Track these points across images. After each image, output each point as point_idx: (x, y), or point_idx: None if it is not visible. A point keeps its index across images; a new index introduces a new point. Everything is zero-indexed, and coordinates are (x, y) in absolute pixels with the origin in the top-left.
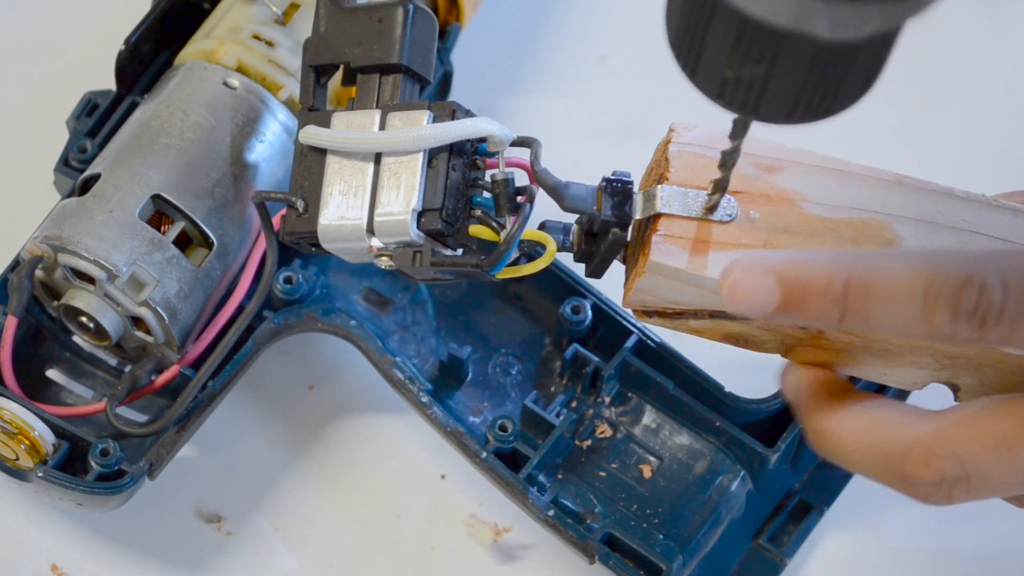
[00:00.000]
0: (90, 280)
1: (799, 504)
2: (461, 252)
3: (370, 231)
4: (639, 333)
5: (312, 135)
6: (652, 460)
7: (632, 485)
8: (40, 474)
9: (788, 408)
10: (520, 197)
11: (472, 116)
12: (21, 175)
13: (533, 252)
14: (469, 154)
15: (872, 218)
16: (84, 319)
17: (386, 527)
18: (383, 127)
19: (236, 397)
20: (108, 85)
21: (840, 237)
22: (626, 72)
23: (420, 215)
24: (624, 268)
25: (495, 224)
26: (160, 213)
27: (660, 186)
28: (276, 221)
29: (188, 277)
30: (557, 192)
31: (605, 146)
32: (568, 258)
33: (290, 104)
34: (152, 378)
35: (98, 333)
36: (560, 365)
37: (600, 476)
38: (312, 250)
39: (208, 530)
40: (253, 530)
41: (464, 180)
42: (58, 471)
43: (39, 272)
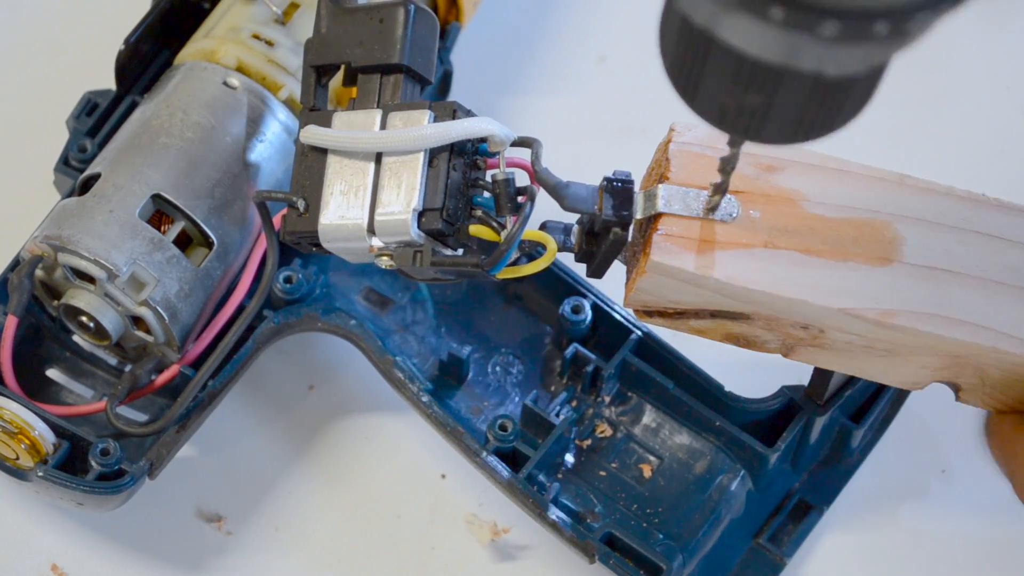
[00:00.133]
0: (90, 280)
1: (799, 504)
2: (461, 252)
3: (371, 231)
4: (639, 333)
5: (313, 135)
6: (652, 460)
7: (632, 485)
8: (40, 474)
9: (788, 408)
10: (521, 197)
11: (473, 116)
12: (21, 175)
13: (534, 252)
14: (470, 154)
15: (873, 217)
16: (84, 319)
17: (386, 527)
18: (384, 127)
19: (236, 397)
20: (108, 85)
21: (841, 237)
22: (626, 72)
23: (421, 215)
24: (625, 268)
25: (496, 224)
26: (160, 213)
27: (661, 185)
28: (277, 221)
29: (188, 277)
30: (558, 192)
31: (605, 146)
32: (568, 258)
33: (290, 104)
34: (152, 378)
35: (98, 333)
36: (560, 365)
37: (600, 476)
38: (313, 250)
39: (208, 530)
40: (253, 530)
41: (465, 180)
42: (58, 471)
43: (39, 272)
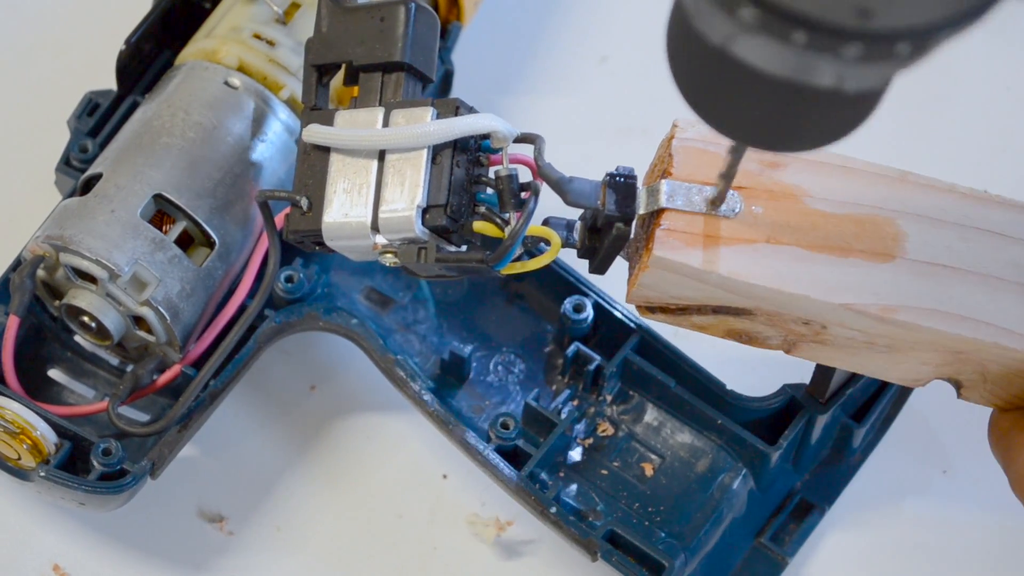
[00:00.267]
0: (92, 280)
1: (801, 503)
2: (465, 249)
3: (375, 228)
4: (641, 331)
5: (315, 133)
6: (654, 458)
7: (634, 483)
8: (42, 474)
9: (790, 406)
10: (524, 193)
11: (476, 113)
12: (22, 175)
13: (535, 249)
14: (473, 151)
15: (875, 214)
16: (86, 319)
17: (388, 526)
18: (387, 124)
19: (238, 397)
20: (109, 85)
21: (843, 233)
22: (627, 72)
23: (425, 211)
24: (627, 265)
25: (499, 220)
26: (162, 213)
27: (664, 181)
28: (279, 220)
29: (190, 276)
30: (561, 187)
31: (606, 146)
32: (570, 256)
33: (291, 103)
34: (154, 377)
35: (100, 333)
36: (562, 363)
37: (602, 474)
38: (316, 249)
39: (210, 530)
40: (255, 530)
41: (468, 176)
42: (60, 471)
43: (41, 272)
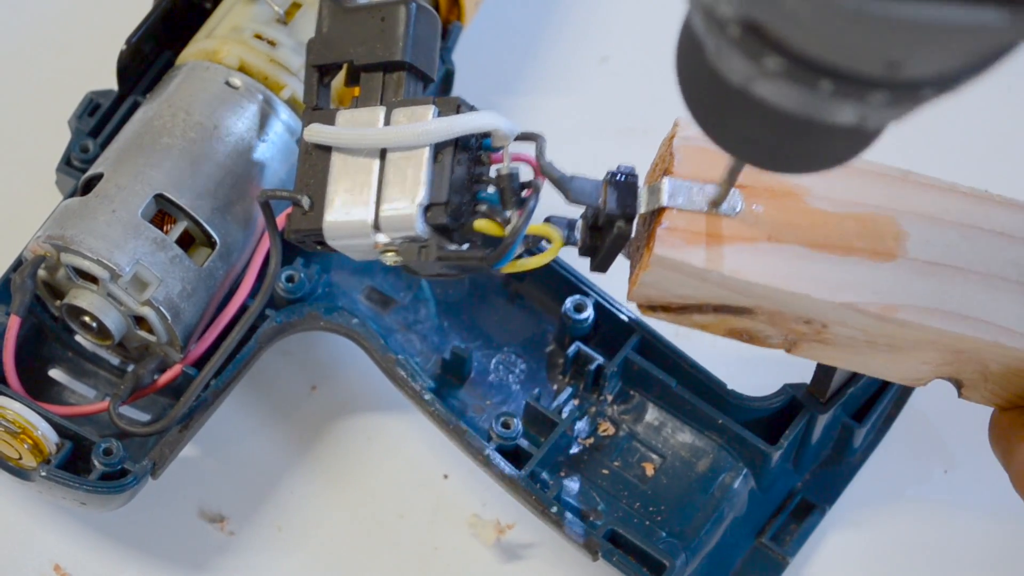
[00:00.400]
0: (93, 280)
1: (801, 503)
2: (466, 247)
3: (376, 227)
4: (642, 331)
5: (317, 133)
6: (655, 458)
7: (635, 483)
8: (43, 473)
9: (790, 406)
10: (525, 192)
11: (477, 111)
12: (23, 175)
13: (536, 249)
14: (474, 149)
15: (876, 213)
16: (87, 319)
17: (389, 527)
18: (388, 123)
19: (239, 397)
20: (110, 85)
21: (844, 232)
22: (628, 72)
23: (426, 209)
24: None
25: (500, 219)
26: (163, 213)
27: (665, 179)
28: (280, 220)
29: (191, 276)
30: (562, 185)
31: (607, 146)
32: (571, 255)
33: (292, 103)
34: (155, 377)
35: (101, 333)
36: (563, 363)
37: (603, 474)
38: (318, 248)
39: (211, 530)
40: (256, 530)
41: (469, 175)
42: (61, 470)
43: (42, 272)
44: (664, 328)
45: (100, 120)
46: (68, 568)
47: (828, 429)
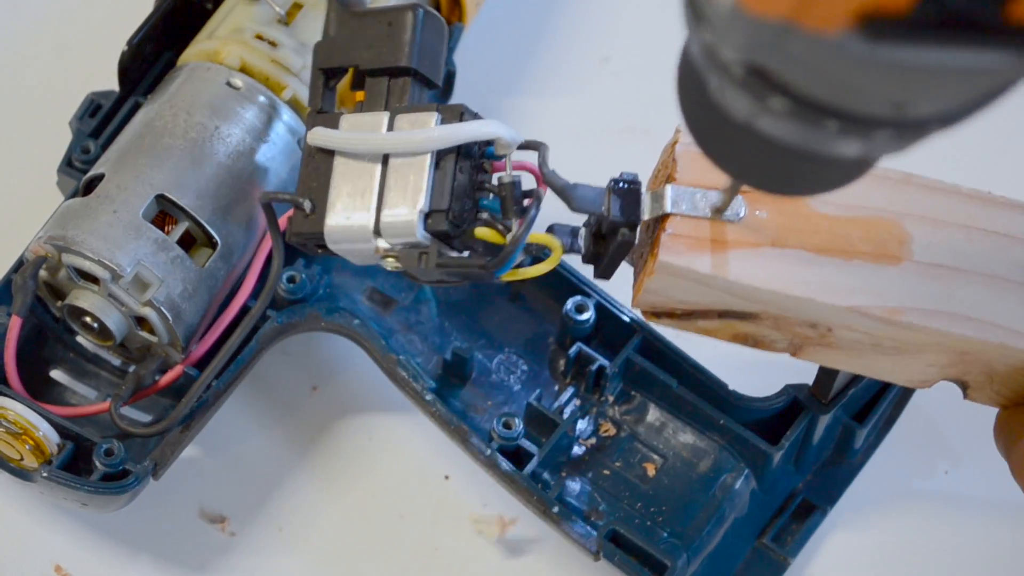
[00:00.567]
0: (94, 280)
1: (803, 504)
2: (467, 254)
3: (377, 232)
4: (643, 332)
5: (320, 136)
6: (656, 458)
7: (636, 483)
8: (44, 474)
9: (792, 406)
10: (527, 200)
11: (480, 119)
12: (24, 176)
13: (540, 255)
14: (476, 157)
15: (880, 216)
16: (88, 319)
17: (390, 527)
18: (391, 129)
19: (240, 398)
20: (111, 86)
21: (848, 235)
22: (629, 73)
23: (427, 216)
24: (632, 270)
25: (501, 227)
26: (164, 213)
27: (668, 186)
28: (282, 222)
29: (192, 277)
30: (565, 193)
31: (608, 147)
32: (572, 257)
33: (293, 104)
34: (156, 378)
35: (102, 333)
36: (564, 363)
37: (604, 474)
38: (318, 252)
39: (212, 530)
40: (257, 530)
41: (471, 182)
42: (62, 471)
43: (43, 272)
44: (665, 329)
45: (101, 121)
46: (69, 569)
47: (829, 430)
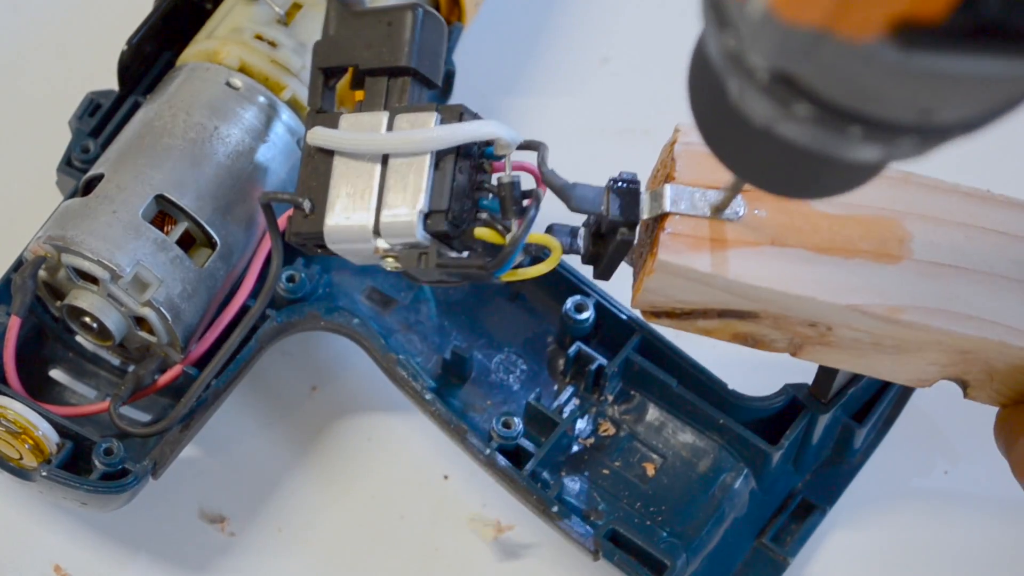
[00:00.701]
0: (93, 280)
1: (802, 504)
2: (466, 254)
3: (376, 232)
4: (643, 331)
5: (320, 136)
6: (655, 458)
7: (636, 483)
8: (44, 473)
9: (791, 406)
10: (526, 200)
11: (479, 119)
12: (24, 175)
13: (540, 255)
14: (476, 157)
15: (879, 215)
16: (87, 319)
17: (390, 528)
18: (391, 129)
19: (239, 398)
20: (111, 85)
21: (847, 234)
22: (629, 73)
23: (426, 216)
24: (632, 270)
25: (501, 227)
26: (163, 213)
27: (667, 185)
28: (282, 222)
29: (191, 277)
30: (564, 193)
31: (607, 147)
32: (573, 258)
33: (293, 104)
34: (155, 378)
35: (101, 333)
36: (563, 363)
37: (603, 474)
38: (318, 252)
39: (211, 530)
40: (256, 530)
41: (470, 183)
42: (62, 470)
43: (42, 272)
44: (665, 328)
45: (101, 120)
46: (68, 568)
47: (829, 429)
